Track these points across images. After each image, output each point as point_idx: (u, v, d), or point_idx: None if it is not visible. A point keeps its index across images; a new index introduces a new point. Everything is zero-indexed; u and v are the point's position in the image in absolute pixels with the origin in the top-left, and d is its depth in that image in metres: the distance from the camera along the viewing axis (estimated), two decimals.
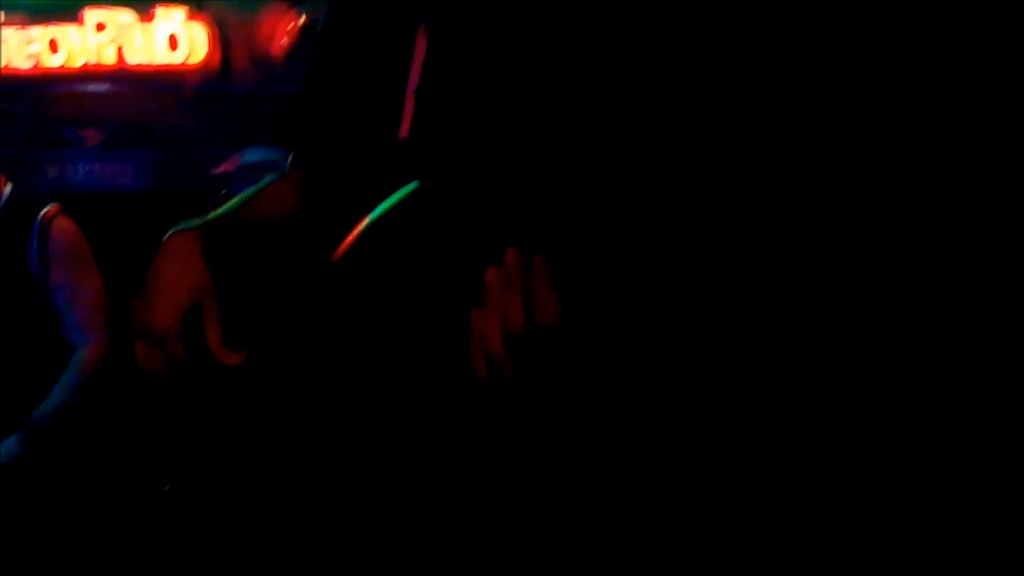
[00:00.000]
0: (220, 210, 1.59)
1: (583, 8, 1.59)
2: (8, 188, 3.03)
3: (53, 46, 5.78)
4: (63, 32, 5.92)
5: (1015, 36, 1.48)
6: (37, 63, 5.81)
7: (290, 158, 1.68)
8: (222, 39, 2.81)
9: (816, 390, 1.42)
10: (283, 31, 2.44)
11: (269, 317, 1.59)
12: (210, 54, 2.79)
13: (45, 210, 2.96)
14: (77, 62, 5.60)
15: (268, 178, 1.66)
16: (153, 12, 2.82)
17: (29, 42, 5.76)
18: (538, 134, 1.60)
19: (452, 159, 1.61)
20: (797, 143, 1.54)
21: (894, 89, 1.51)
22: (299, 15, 2.37)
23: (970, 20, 1.49)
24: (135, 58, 3.58)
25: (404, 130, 1.63)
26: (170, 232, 1.56)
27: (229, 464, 1.54)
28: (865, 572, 1.40)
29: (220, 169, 2.62)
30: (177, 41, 2.77)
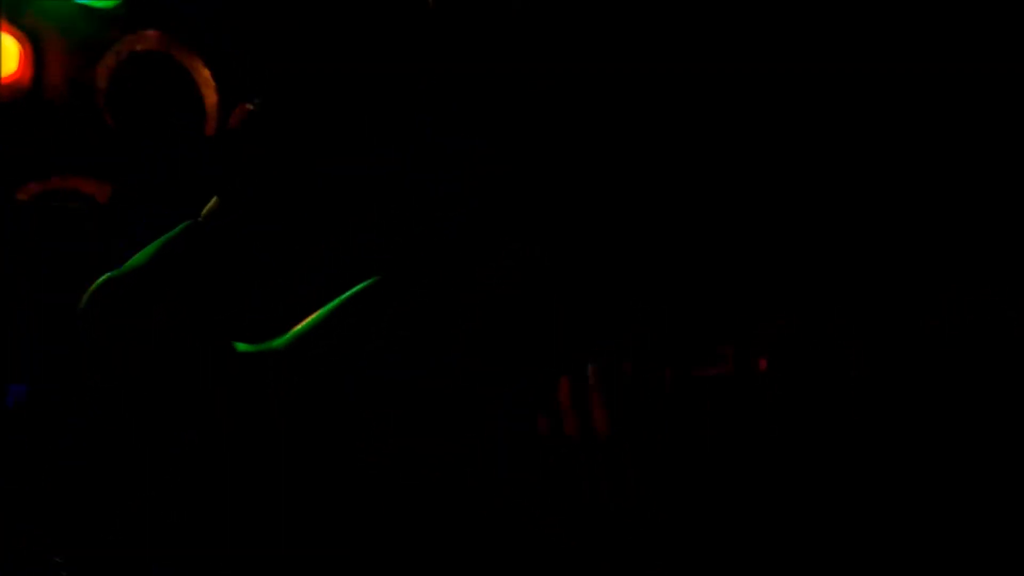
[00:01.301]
0: (138, 257, 1.54)
1: (583, 9, 1.60)
2: None
3: None
4: None
5: (1014, 39, 1.48)
6: None
7: (212, 203, 1.60)
8: (36, 57, 2.69)
9: (816, 390, 1.42)
10: (108, 58, 2.41)
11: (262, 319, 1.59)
12: (21, 70, 2.67)
13: None
14: None
15: (181, 225, 1.59)
16: None
17: None
18: (539, 134, 1.60)
19: (452, 159, 1.61)
20: (797, 145, 1.55)
21: (894, 91, 1.51)
22: (122, 46, 2.35)
23: (970, 23, 1.49)
24: None
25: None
26: (101, 280, 1.53)
27: (229, 464, 1.54)
28: (865, 572, 1.40)
29: (25, 195, 2.57)
30: None
